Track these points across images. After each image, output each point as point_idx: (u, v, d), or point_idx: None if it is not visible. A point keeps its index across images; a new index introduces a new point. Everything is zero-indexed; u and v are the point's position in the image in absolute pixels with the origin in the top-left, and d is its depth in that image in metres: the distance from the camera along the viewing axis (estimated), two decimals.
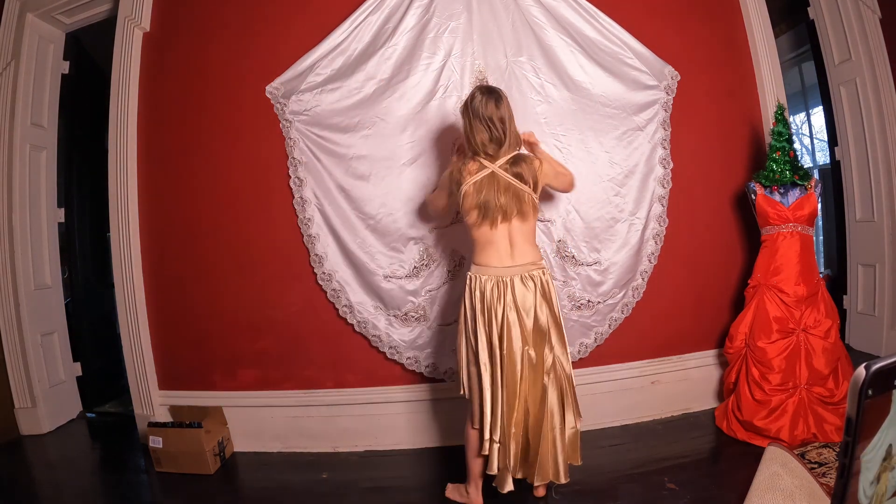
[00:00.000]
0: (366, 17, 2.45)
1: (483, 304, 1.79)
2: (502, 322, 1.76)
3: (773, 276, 2.36)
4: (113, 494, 2.35)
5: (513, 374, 1.76)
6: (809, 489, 1.61)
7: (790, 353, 2.27)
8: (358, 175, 2.45)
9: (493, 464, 1.78)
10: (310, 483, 2.28)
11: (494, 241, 1.82)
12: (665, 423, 2.57)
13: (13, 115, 2.92)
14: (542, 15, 2.45)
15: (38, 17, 2.97)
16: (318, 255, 2.51)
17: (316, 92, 2.46)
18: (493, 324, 1.77)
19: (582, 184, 2.48)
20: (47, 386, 3.01)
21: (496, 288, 1.78)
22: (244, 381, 2.63)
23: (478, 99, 1.82)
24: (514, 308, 1.77)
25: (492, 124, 1.79)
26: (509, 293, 1.77)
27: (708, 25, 2.67)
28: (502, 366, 1.76)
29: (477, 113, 1.80)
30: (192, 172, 2.63)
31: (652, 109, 2.53)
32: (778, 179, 2.37)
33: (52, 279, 3.14)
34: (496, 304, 1.78)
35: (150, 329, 2.73)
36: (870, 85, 2.91)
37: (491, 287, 1.79)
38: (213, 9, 2.62)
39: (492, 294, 1.78)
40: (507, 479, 1.80)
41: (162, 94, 2.68)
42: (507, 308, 1.77)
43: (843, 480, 0.44)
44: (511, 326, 1.76)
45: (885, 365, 0.42)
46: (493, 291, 1.78)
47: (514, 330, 1.76)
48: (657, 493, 1.96)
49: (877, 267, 3.00)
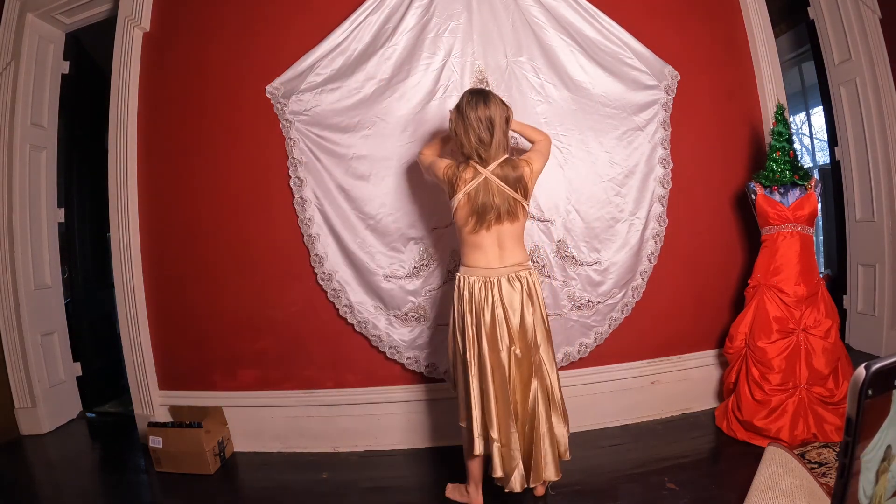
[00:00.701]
0: (366, 17, 2.45)
1: (471, 304, 1.82)
2: (490, 321, 1.79)
3: (773, 276, 2.36)
4: (113, 494, 2.35)
5: (501, 374, 1.78)
6: (809, 489, 1.61)
7: (790, 353, 2.27)
8: (358, 175, 2.45)
9: (497, 468, 1.77)
10: (310, 483, 2.28)
11: (484, 244, 1.84)
12: (665, 423, 2.57)
13: (13, 115, 2.92)
14: (542, 15, 2.45)
15: (38, 17, 2.97)
16: (318, 255, 2.51)
17: (316, 92, 2.46)
18: (482, 323, 1.79)
19: (582, 184, 2.49)
20: (47, 386, 3.01)
21: (483, 288, 1.81)
22: (244, 381, 2.63)
23: (465, 100, 1.84)
24: (501, 307, 1.80)
25: (480, 124, 1.79)
26: (496, 292, 1.80)
27: (708, 25, 2.67)
28: (491, 365, 1.78)
29: (465, 114, 1.81)
30: (192, 172, 2.63)
31: (652, 109, 2.53)
32: (778, 179, 2.37)
33: (52, 279, 3.14)
34: (483, 303, 1.80)
35: (150, 329, 2.73)
36: (870, 85, 2.91)
37: (479, 287, 1.82)
38: (213, 9, 2.62)
39: (479, 294, 1.81)
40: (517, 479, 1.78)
41: (162, 94, 2.68)
42: (494, 307, 1.80)
43: (843, 480, 0.44)
44: (498, 325, 1.79)
45: (885, 365, 0.42)
46: (480, 291, 1.82)
47: (500, 329, 1.79)
48: (657, 493, 1.95)
49: (877, 267, 3.00)
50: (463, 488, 1.99)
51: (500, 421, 1.77)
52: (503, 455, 1.77)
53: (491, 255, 1.84)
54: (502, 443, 1.77)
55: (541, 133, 2.06)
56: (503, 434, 1.77)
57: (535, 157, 1.92)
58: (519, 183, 1.81)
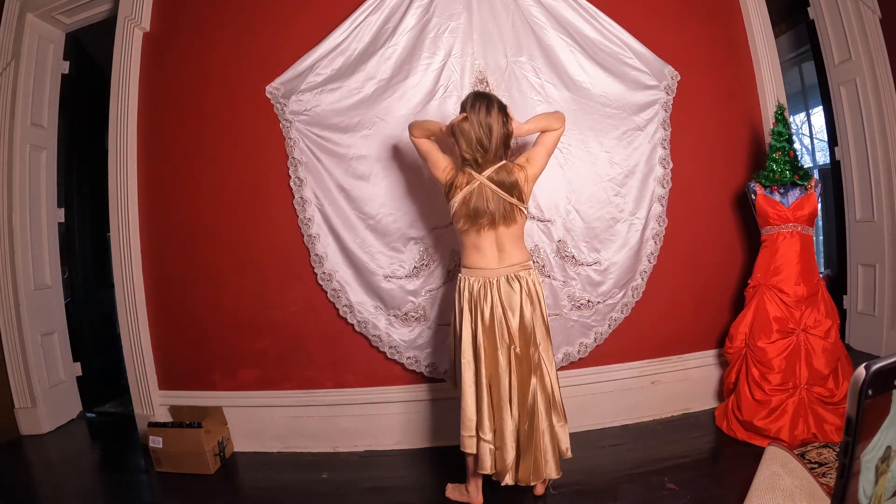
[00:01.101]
0: (366, 17, 2.45)
1: (470, 304, 1.84)
2: (490, 320, 1.80)
3: (773, 276, 2.36)
4: (113, 494, 2.34)
5: (496, 374, 1.79)
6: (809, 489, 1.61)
7: (790, 353, 2.27)
8: (358, 175, 2.45)
9: (485, 464, 1.79)
10: (310, 483, 2.28)
11: (482, 246, 1.85)
12: (665, 423, 2.57)
13: (13, 115, 2.92)
14: (542, 15, 2.45)
15: (38, 17, 2.97)
16: (318, 255, 2.51)
17: (316, 92, 2.46)
18: (480, 322, 1.80)
19: (582, 184, 2.49)
20: (47, 386, 3.01)
21: (483, 288, 1.83)
22: (244, 381, 2.63)
23: (470, 102, 1.84)
24: (500, 306, 1.81)
25: (481, 128, 1.79)
26: (495, 292, 1.81)
27: (708, 25, 2.67)
28: (487, 365, 1.80)
29: (469, 115, 1.81)
30: (193, 172, 2.63)
31: (652, 109, 2.53)
32: (778, 179, 2.37)
33: (52, 279, 3.14)
34: (483, 303, 1.82)
35: (150, 329, 2.73)
36: (870, 85, 2.91)
37: (478, 287, 1.83)
38: (213, 9, 2.62)
39: (479, 294, 1.83)
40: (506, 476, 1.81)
41: (162, 94, 2.68)
42: (493, 307, 1.81)
43: (843, 480, 0.44)
44: (497, 325, 1.80)
45: (885, 365, 0.42)
46: (479, 291, 1.83)
47: (499, 328, 1.80)
48: (657, 493, 1.96)
49: (877, 267, 3.00)
50: (463, 487, 1.99)
51: (495, 422, 1.79)
52: (495, 457, 1.80)
53: (490, 256, 1.85)
54: (496, 445, 1.79)
55: (547, 118, 1.94)
56: (497, 436, 1.79)
57: (535, 158, 1.88)
58: (514, 188, 1.81)
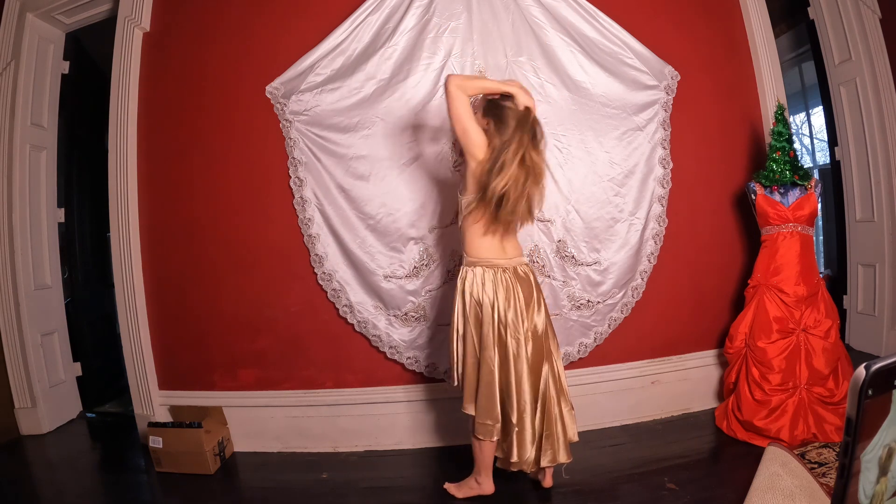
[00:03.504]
0: (366, 17, 2.45)
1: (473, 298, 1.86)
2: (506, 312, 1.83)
3: (773, 276, 2.35)
4: (113, 494, 2.34)
5: (506, 361, 1.82)
6: (809, 489, 1.61)
7: (790, 353, 2.27)
8: (358, 175, 2.45)
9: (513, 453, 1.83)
10: (310, 483, 2.28)
11: (488, 237, 1.88)
12: (665, 423, 2.57)
13: (13, 115, 2.92)
14: (541, 15, 2.45)
15: (38, 17, 2.97)
16: (318, 255, 2.51)
17: (316, 92, 2.46)
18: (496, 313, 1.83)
19: (582, 184, 2.49)
20: (47, 386, 3.01)
21: (490, 280, 1.85)
22: (244, 381, 2.63)
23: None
24: (517, 297, 1.84)
25: None
26: (510, 283, 1.85)
27: (708, 25, 2.67)
28: (504, 353, 1.83)
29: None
30: (193, 172, 2.63)
31: (652, 109, 2.53)
32: (778, 179, 2.37)
33: (52, 279, 3.14)
34: (487, 295, 1.84)
35: (150, 329, 2.72)
36: (870, 85, 2.91)
37: (483, 278, 1.86)
38: (213, 9, 2.62)
39: (495, 285, 1.85)
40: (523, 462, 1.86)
41: (162, 94, 2.68)
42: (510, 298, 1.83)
43: (843, 480, 0.44)
44: (517, 315, 1.83)
45: (885, 365, 0.42)
46: (484, 283, 1.85)
47: (514, 319, 1.83)
48: (657, 493, 1.95)
49: (877, 267, 3.00)
50: (470, 482, 2.00)
51: (517, 408, 1.83)
52: (516, 443, 1.84)
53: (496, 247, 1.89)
54: (517, 431, 1.83)
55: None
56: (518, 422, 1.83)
57: None
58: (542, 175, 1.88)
